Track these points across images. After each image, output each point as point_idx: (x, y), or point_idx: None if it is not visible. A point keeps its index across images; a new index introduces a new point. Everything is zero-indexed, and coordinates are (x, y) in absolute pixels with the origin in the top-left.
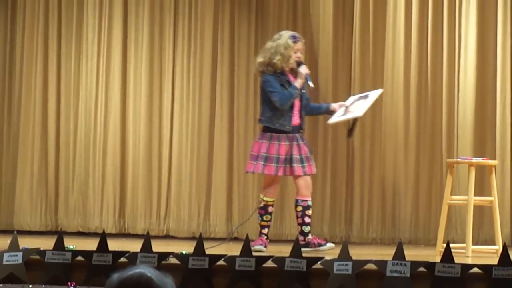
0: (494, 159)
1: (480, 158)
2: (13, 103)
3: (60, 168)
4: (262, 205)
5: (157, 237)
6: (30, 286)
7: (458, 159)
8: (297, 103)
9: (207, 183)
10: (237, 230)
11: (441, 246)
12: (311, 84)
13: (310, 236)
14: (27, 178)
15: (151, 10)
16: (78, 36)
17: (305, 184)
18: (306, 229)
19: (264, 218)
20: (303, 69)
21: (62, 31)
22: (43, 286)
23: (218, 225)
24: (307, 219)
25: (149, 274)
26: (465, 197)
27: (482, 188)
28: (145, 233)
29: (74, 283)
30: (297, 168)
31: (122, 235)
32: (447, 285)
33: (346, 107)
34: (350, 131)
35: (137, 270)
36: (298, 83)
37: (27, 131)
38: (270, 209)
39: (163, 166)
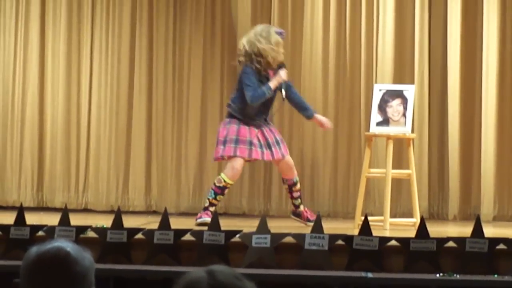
0: (413, 132)
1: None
2: None
3: None
4: (221, 185)
5: (75, 210)
6: None
7: (376, 132)
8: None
9: (126, 156)
10: (155, 204)
11: (359, 219)
12: (283, 94)
13: (301, 208)
14: None
15: None
16: None
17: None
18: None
19: (218, 198)
20: (283, 74)
21: None
22: None
23: (136, 199)
24: (295, 194)
25: (67, 248)
26: (383, 170)
27: (400, 161)
28: (63, 206)
29: None
30: (276, 151)
31: (40, 208)
32: (365, 258)
33: None
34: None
35: (55, 244)
36: (273, 84)
37: None
38: (226, 191)
39: (82, 139)
